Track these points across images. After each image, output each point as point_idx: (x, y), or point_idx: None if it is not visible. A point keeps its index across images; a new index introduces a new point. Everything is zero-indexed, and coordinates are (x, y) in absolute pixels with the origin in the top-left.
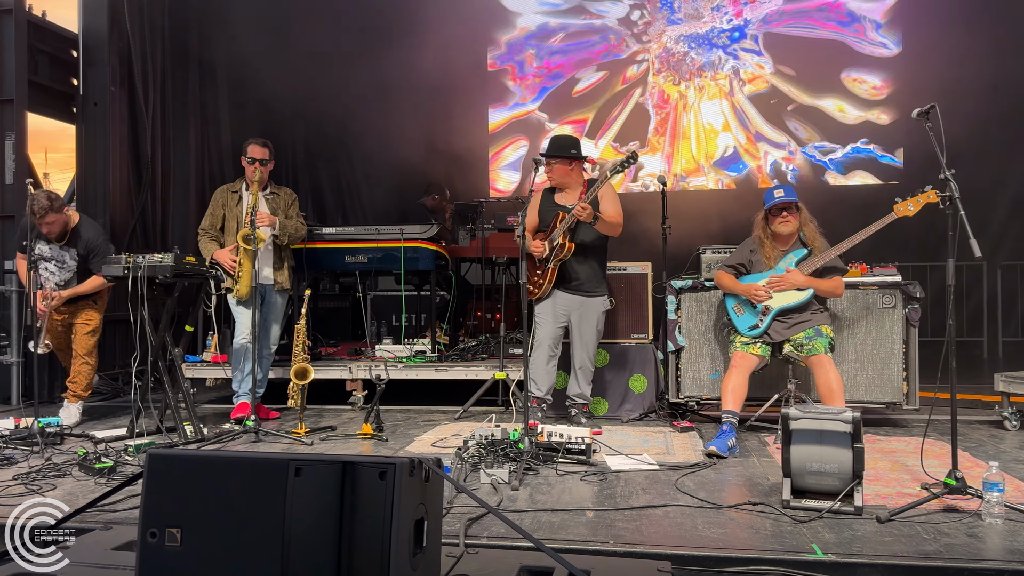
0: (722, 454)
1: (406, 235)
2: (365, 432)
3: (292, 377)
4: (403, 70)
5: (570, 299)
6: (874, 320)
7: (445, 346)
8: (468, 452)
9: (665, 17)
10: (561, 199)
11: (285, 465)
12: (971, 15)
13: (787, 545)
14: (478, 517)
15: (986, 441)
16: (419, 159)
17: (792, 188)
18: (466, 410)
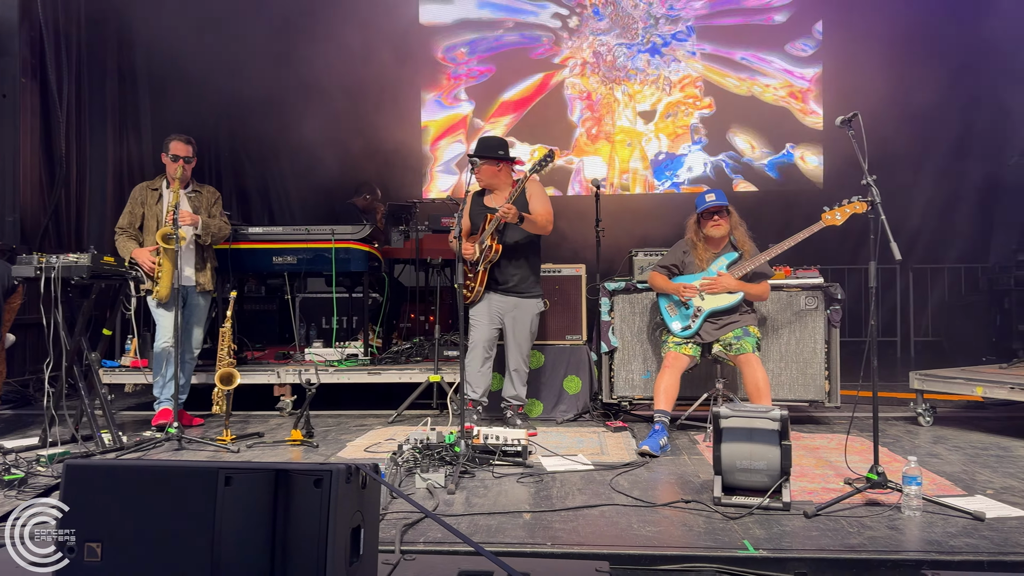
0: (655, 453)
1: (337, 236)
2: (294, 438)
3: (217, 382)
4: (334, 67)
5: (504, 301)
6: (798, 321)
7: (378, 349)
8: (403, 457)
9: (596, 20)
10: (490, 201)
11: (215, 473)
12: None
13: (719, 542)
14: (414, 523)
15: (903, 436)
16: (351, 158)
17: (723, 193)
18: (400, 414)
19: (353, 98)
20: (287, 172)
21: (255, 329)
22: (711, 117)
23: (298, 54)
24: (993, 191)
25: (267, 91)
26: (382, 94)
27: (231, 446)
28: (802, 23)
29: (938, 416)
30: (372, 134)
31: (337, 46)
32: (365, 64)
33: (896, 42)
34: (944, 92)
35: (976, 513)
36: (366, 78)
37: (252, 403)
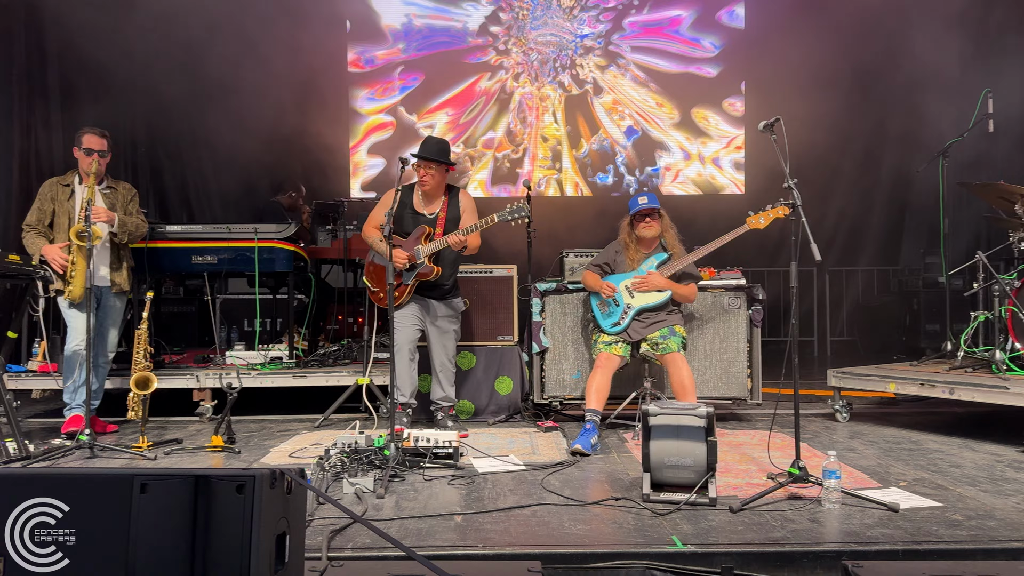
0: (586, 452)
1: (260, 234)
2: (215, 444)
3: (132, 387)
4: (260, 62)
5: (426, 303)
6: (721, 320)
7: (304, 352)
8: (330, 461)
9: (529, 22)
10: (420, 206)
11: (129, 481)
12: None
13: (649, 538)
14: (342, 528)
15: (821, 432)
16: (277, 156)
17: (655, 196)
18: (327, 418)
19: (279, 94)
20: (208, 169)
21: (173, 332)
22: (640, 120)
23: (221, 47)
24: (903, 197)
25: (187, 85)
26: (309, 91)
27: (147, 453)
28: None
29: (854, 412)
30: (299, 131)
31: (262, 40)
32: (292, 60)
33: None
34: (858, 100)
35: (891, 504)
36: (293, 74)
37: (170, 409)
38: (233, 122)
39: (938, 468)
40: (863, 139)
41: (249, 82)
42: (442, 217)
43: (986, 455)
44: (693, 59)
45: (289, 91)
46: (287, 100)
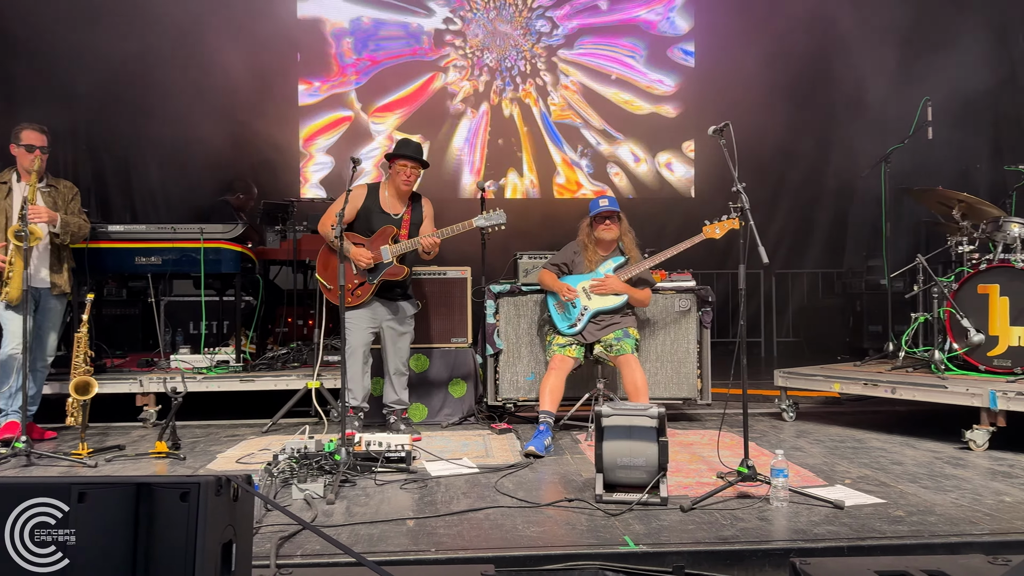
0: (540, 453)
1: (207, 235)
2: (159, 451)
3: (71, 392)
4: (208, 59)
5: (383, 306)
6: (672, 322)
7: (251, 355)
8: (278, 467)
9: (481, 24)
10: (387, 206)
11: (66, 489)
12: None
13: (602, 539)
14: (291, 535)
15: (769, 431)
16: (225, 155)
17: (615, 199)
18: (275, 422)
19: (227, 92)
20: (153, 168)
21: (116, 335)
22: (591, 123)
23: (173, 40)
24: (847, 202)
25: (131, 81)
26: (259, 89)
27: (87, 460)
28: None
29: (800, 411)
30: (247, 130)
31: (210, 37)
32: (240, 57)
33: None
34: (803, 108)
35: (836, 502)
36: (242, 71)
37: (112, 414)
38: (180, 119)
39: (881, 466)
40: (808, 145)
41: (196, 78)
42: (407, 220)
43: (926, 452)
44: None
45: (238, 88)
46: (236, 97)
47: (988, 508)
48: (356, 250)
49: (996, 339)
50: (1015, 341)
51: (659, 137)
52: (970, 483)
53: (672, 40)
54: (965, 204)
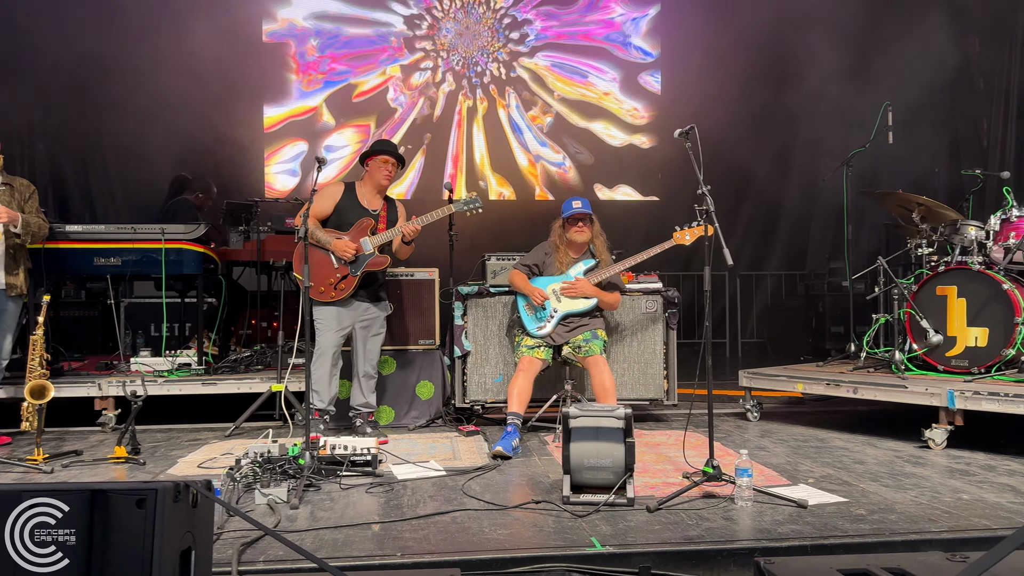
0: (507, 455)
1: (168, 235)
2: (118, 456)
3: (27, 396)
4: (171, 57)
5: (356, 305)
6: (639, 324)
7: (214, 357)
8: (241, 471)
9: (451, 26)
10: (363, 199)
11: (16, 497)
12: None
13: (568, 540)
14: (253, 541)
15: (733, 431)
16: (187, 155)
17: (588, 202)
18: (238, 426)
19: (190, 91)
20: (113, 167)
21: (74, 337)
22: (559, 124)
23: (133, 38)
24: (810, 204)
25: (90, 77)
26: (221, 87)
27: (43, 466)
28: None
29: (764, 411)
30: (210, 129)
31: (172, 36)
32: (203, 55)
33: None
34: (768, 111)
35: (800, 501)
36: (204, 70)
37: (70, 419)
38: (141, 116)
39: (843, 465)
40: (772, 149)
41: (157, 75)
42: (383, 216)
43: (887, 451)
44: (612, 58)
45: (202, 86)
46: (199, 94)
47: (947, 506)
48: (338, 242)
49: (954, 340)
50: (972, 342)
51: (622, 134)
52: (929, 481)
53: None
54: (924, 207)
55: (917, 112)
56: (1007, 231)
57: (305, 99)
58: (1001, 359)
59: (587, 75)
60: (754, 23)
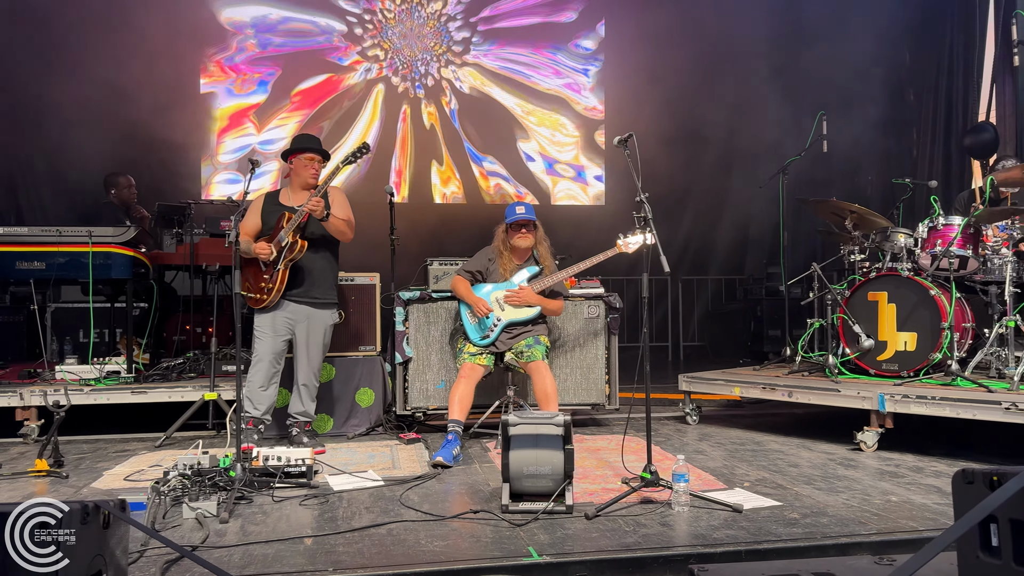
0: (448, 463)
1: (96, 238)
2: (39, 469)
3: None
4: (104, 51)
5: (296, 310)
6: (582, 329)
7: (145, 365)
8: (169, 484)
9: (393, 26)
10: (287, 200)
11: None
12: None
13: (506, 551)
14: (177, 559)
15: (673, 435)
16: (120, 155)
17: (532, 207)
18: (169, 436)
19: (123, 85)
20: (40, 167)
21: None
22: (503, 130)
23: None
24: (748, 211)
25: (17, 74)
26: (159, 83)
27: None
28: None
29: (703, 415)
30: (144, 127)
31: (105, 28)
32: (138, 48)
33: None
34: (708, 118)
35: (735, 506)
36: (139, 64)
37: None
38: (72, 114)
39: (778, 468)
40: (712, 155)
41: (90, 71)
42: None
43: (821, 454)
44: (556, 62)
45: (136, 81)
46: (133, 91)
47: (876, 508)
48: (257, 245)
49: (885, 344)
50: (902, 346)
51: (567, 138)
52: (860, 484)
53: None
54: (856, 215)
55: (851, 121)
56: (934, 238)
57: (244, 98)
58: (929, 363)
59: (531, 76)
60: (694, 21)
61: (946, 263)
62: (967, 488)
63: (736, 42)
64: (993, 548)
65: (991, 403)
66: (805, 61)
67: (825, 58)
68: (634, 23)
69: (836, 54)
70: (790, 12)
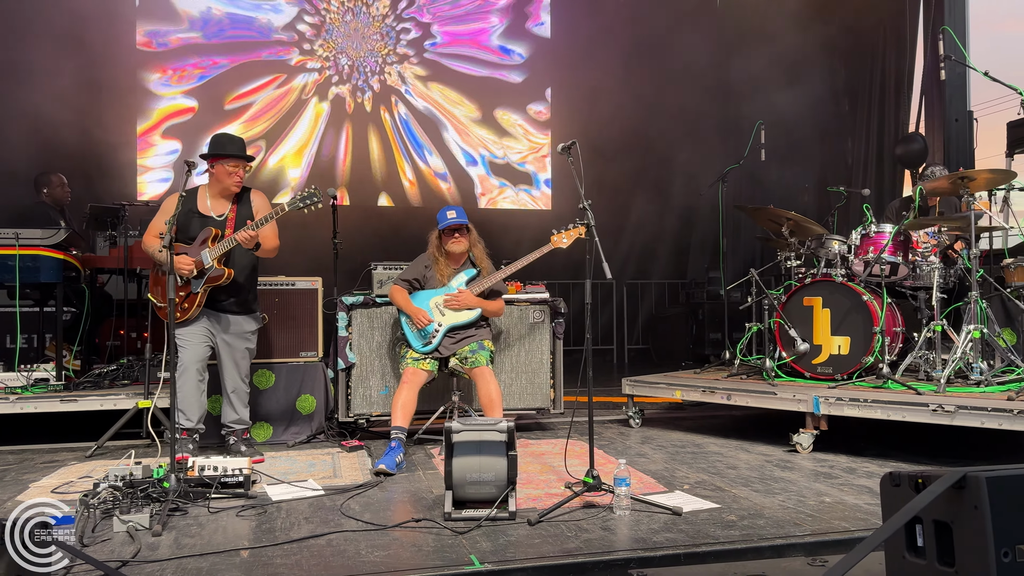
0: (391, 471)
1: (23, 240)
2: None
3: None
4: (33, 48)
5: (217, 318)
6: (526, 333)
7: (76, 372)
8: (99, 497)
9: (337, 27)
10: (207, 209)
11: None
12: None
13: (447, 560)
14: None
15: (616, 438)
16: (51, 154)
17: (464, 210)
18: (101, 446)
19: (52, 81)
20: None
21: None
22: (448, 132)
23: None
24: (690, 216)
25: None
26: (89, 79)
27: None
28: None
29: (646, 417)
30: (76, 124)
31: (30, 18)
32: (68, 40)
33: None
34: (653, 121)
35: (675, 509)
36: (69, 58)
37: None
38: None
39: (717, 470)
40: (656, 158)
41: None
42: (231, 219)
43: (758, 455)
44: (501, 66)
45: (67, 77)
46: (65, 88)
47: (811, 509)
48: (177, 259)
49: (820, 348)
50: (835, 350)
51: (513, 143)
52: (796, 485)
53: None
54: (793, 222)
55: (789, 130)
56: (867, 245)
57: (180, 98)
58: (861, 366)
59: (478, 80)
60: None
61: (878, 269)
62: (894, 491)
63: (678, 50)
64: (918, 548)
65: (919, 405)
66: (745, 72)
67: (763, 69)
68: (578, 26)
69: (774, 65)
70: (730, 25)
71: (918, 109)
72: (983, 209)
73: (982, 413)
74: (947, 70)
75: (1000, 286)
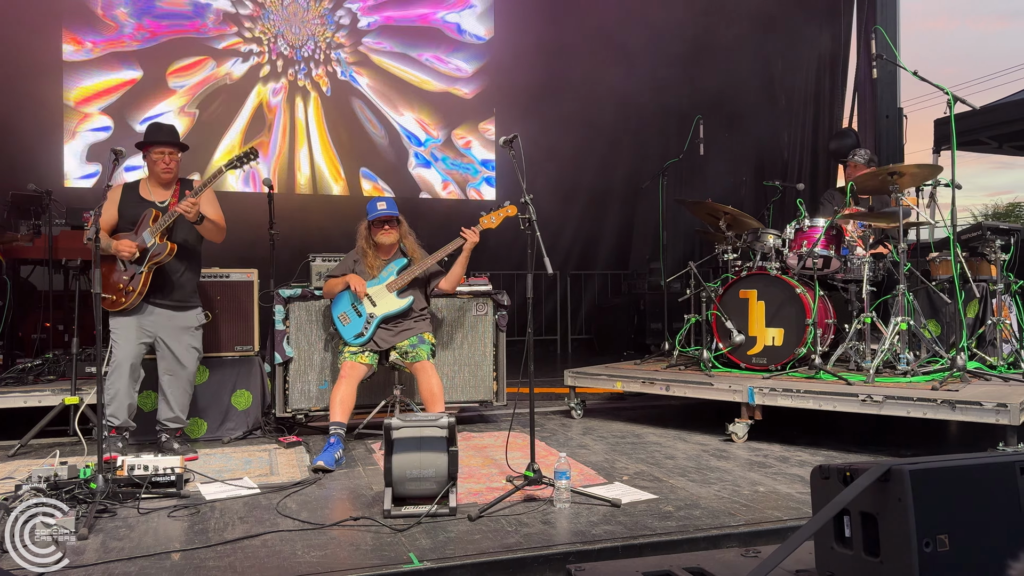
0: (329, 468)
1: None
2: None
3: None
4: None
5: (160, 314)
6: (469, 326)
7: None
8: (20, 499)
9: (276, 11)
10: (148, 194)
11: None
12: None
13: (386, 558)
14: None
15: (558, 430)
16: None
17: (394, 201)
18: (24, 445)
19: None
20: None
21: None
22: (388, 120)
23: None
24: (632, 208)
25: None
26: (8, 57)
27: None
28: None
29: (588, 408)
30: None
31: None
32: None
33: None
34: (596, 119)
35: (614, 500)
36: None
37: None
38: None
39: (656, 460)
40: (599, 153)
41: None
42: (174, 203)
43: (695, 445)
44: (445, 61)
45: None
46: None
47: (745, 499)
48: (118, 242)
49: (755, 339)
50: (770, 341)
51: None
52: (731, 475)
53: (473, 46)
54: (730, 216)
55: (727, 125)
56: (800, 239)
57: (111, 76)
58: (794, 357)
59: (422, 61)
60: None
61: (811, 263)
62: (824, 483)
63: (622, 39)
64: (846, 539)
65: (849, 395)
66: (687, 67)
67: (704, 65)
68: (523, 9)
69: (715, 61)
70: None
71: (851, 105)
72: (911, 205)
73: (908, 403)
74: (879, 68)
75: (926, 279)
